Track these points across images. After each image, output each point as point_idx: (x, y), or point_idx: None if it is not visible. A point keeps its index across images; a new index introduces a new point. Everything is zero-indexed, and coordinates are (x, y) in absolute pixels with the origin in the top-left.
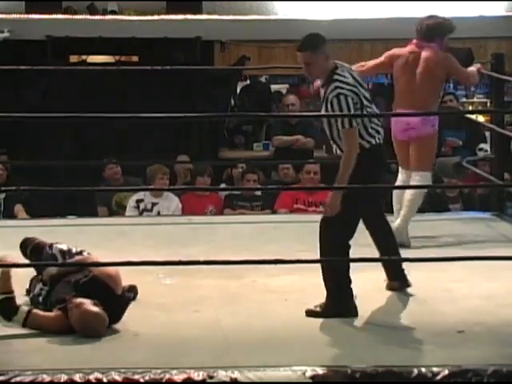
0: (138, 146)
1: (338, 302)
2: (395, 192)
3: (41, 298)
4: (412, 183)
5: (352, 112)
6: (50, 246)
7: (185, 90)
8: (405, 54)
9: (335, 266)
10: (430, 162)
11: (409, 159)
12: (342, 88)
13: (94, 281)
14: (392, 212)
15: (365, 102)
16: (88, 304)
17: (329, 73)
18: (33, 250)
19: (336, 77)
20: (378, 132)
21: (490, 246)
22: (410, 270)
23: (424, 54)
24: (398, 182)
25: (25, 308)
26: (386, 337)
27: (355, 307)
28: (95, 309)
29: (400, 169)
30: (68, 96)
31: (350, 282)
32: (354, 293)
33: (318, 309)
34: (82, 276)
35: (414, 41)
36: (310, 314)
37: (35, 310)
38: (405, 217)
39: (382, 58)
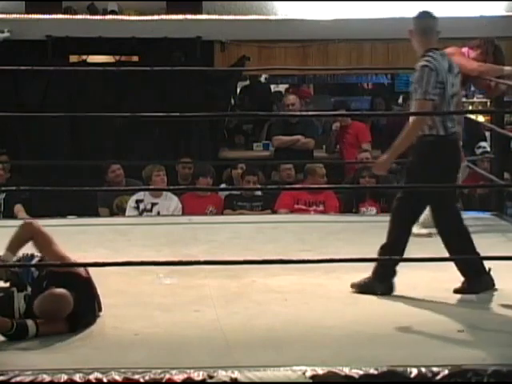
0: (137, 146)
1: (383, 279)
2: None
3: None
4: None
5: (430, 87)
6: None
7: (185, 90)
8: None
9: (394, 245)
10: None
11: None
12: (430, 62)
13: (53, 277)
14: None
15: (449, 90)
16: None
17: (424, 51)
18: None
19: (429, 53)
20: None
21: (489, 246)
22: (411, 270)
23: None
24: None
25: (29, 322)
26: (385, 336)
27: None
28: (51, 291)
29: None
30: (68, 96)
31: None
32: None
33: (362, 283)
34: (43, 280)
35: None
36: (354, 287)
37: (38, 320)
38: None
39: None
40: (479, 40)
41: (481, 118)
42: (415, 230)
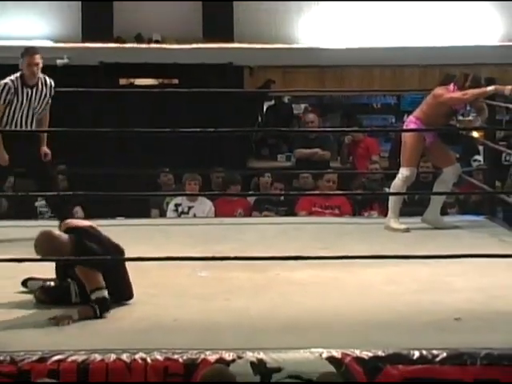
0: (179, 157)
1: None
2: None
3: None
4: None
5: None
6: None
7: (218, 109)
8: None
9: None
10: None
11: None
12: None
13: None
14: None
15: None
16: None
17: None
18: None
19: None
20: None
21: (483, 246)
22: (415, 266)
23: None
24: None
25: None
26: (392, 323)
27: None
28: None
29: None
30: (118, 114)
31: None
32: None
33: None
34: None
35: None
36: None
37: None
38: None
39: None
40: (462, 75)
41: (475, 134)
42: (394, 225)
